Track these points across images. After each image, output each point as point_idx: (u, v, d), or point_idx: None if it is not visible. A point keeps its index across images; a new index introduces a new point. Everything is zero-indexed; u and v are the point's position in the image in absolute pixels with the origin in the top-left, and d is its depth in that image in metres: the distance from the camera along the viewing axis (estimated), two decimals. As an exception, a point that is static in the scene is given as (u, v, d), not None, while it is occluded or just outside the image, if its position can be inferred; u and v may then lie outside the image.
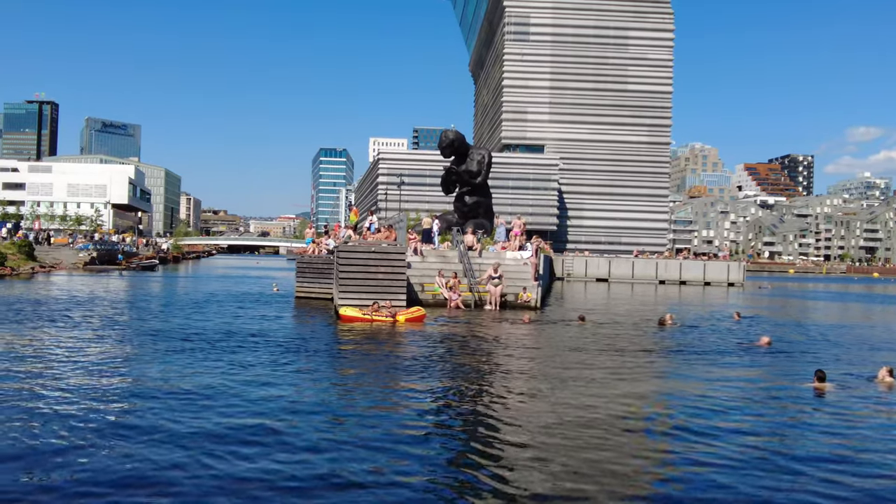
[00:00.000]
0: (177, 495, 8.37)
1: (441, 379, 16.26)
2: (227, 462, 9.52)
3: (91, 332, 22.59)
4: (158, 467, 9.25)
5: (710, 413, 13.10)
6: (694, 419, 12.57)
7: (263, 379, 15.25)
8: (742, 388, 15.85)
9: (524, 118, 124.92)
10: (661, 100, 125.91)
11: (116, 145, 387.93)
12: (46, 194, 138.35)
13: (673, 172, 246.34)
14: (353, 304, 28.20)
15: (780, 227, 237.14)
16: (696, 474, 9.59)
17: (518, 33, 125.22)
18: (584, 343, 22.96)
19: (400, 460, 9.86)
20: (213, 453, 9.84)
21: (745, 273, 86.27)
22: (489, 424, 12.02)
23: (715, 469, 9.79)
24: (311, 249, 42.36)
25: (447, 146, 45.25)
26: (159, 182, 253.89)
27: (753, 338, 24.99)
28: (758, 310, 42.88)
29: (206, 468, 9.26)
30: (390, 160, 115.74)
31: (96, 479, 8.77)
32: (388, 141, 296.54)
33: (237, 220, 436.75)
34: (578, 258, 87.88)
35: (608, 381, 16.11)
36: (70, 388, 13.73)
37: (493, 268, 33.80)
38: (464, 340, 23.08)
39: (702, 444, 10.99)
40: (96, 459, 9.48)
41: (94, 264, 72.22)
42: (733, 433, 11.65)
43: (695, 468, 9.85)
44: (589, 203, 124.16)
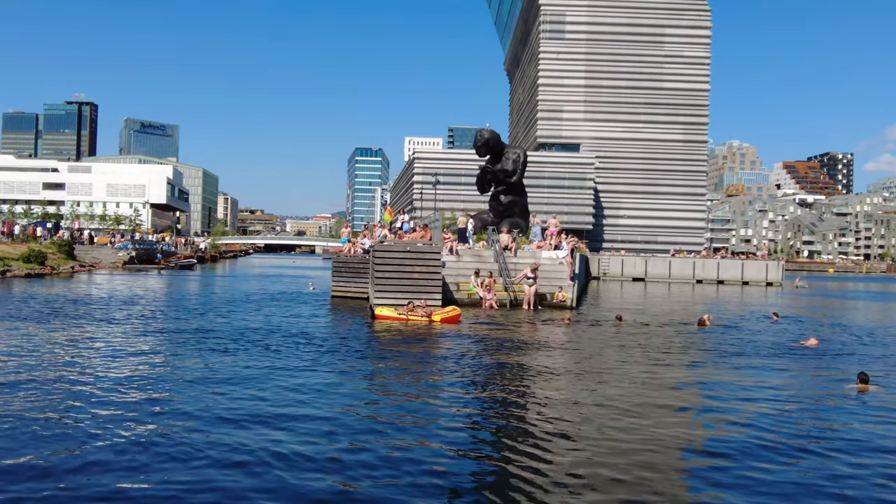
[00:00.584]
0: (214, 491, 8.44)
1: (476, 379, 16.19)
2: (260, 461, 9.55)
3: (129, 330, 22.82)
4: (193, 463, 9.31)
5: (752, 414, 12.91)
6: (735, 419, 12.43)
7: (299, 378, 15.29)
8: (784, 390, 15.65)
9: (560, 117, 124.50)
10: (698, 97, 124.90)
11: (155, 146, 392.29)
12: (86, 194, 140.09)
13: (710, 171, 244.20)
14: (388, 304, 28.24)
15: (820, 225, 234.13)
16: (735, 476, 9.48)
17: (553, 31, 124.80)
18: (622, 343, 22.75)
19: (434, 459, 9.83)
20: (246, 451, 9.89)
21: (784, 272, 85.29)
22: (525, 425, 11.94)
23: (755, 473, 9.68)
24: (346, 249, 42.46)
25: (482, 145, 45.17)
26: (197, 182, 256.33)
27: (800, 338, 24.67)
28: (797, 310, 42.38)
29: (239, 465, 9.31)
30: (425, 159, 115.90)
31: (131, 475, 8.85)
32: (424, 140, 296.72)
33: (274, 219, 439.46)
34: (614, 257, 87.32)
35: (649, 383, 15.96)
36: (107, 386, 13.84)
37: (531, 268, 33.71)
38: (499, 340, 23.00)
39: (741, 446, 10.85)
40: (132, 456, 9.56)
41: (133, 263, 73.01)
42: (773, 436, 11.48)
43: (733, 469, 9.74)
44: (625, 202, 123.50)
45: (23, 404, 12.20)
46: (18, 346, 18.86)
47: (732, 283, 78.37)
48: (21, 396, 12.82)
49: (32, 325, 23.15)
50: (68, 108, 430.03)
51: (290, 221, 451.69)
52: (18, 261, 53.51)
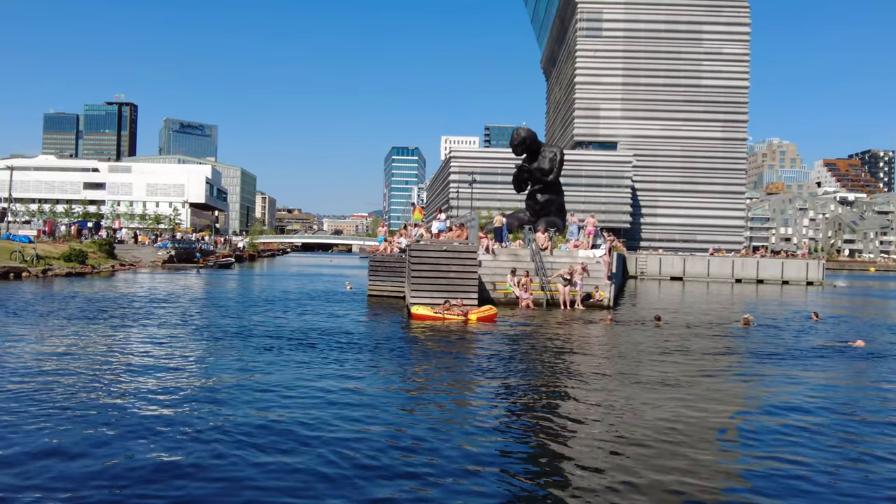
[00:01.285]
0: (249, 487, 8.47)
1: (512, 378, 16.13)
2: (295, 456, 9.58)
3: (169, 328, 23.06)
4: (230, 459, 9.38)
5: (795, 417, 12.76)
6: (779, 423, 12.28)
7: (336, 376, 15.35)
8: (830, 392, 15.44)
9: (597, 115, 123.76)
10: (737, 95, 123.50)
11: (194, 145, 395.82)
12: (126, 194, 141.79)
13: (750, 169, 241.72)
14: (424, 303, 28.26)
15: (861, 224, 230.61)
16: (779, 481, 9.36)
17: (590, 29, 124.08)
18: (661, 344, 22.54)
19: (470, 457, 9.81)
20: (281, 448, 9.93)
21: (825, 271, 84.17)
22: (561, 426, 11.87)
23: (797, 478, 9.54)
24: (383, 248, 42.54)
25: (519, 144, 45.03)
26: (235, 181, 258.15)
27: (846, 339, 24.30)
28: (838, 310, 41.79)
29: (276, 461, 9.35)
30: (462, 158, 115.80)
31: (168, 470, 8.92)
32: (460, 139, 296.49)
33: (311, 218, 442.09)
34: (652, 256, 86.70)
35: (689, 385, 15.79)
36: (146, 382, 14.01)
37: (567, 270, 33.58)
38: (535, 340, 22.91)
39: (785, 449, 10.72)
40: (170, 450, 9.63)
41: (173, 262, 73.77)
42: (818, 437, 11.33)
43: (777, 473, 9.61)
44: (663, 200, 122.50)
45: (64, 401, 12.35)
46: (60, 343, 19.12)
47: (772, 283, 77.50)
48: (62, 393, 12.98)
49: (73, 323, 23.45)
50: (108, 109, 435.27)
51: (327, 220, 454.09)
52: (60, 260, 54.29)
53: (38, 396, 12.72)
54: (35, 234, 69.40)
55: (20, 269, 46.04)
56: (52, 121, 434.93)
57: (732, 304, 43.82)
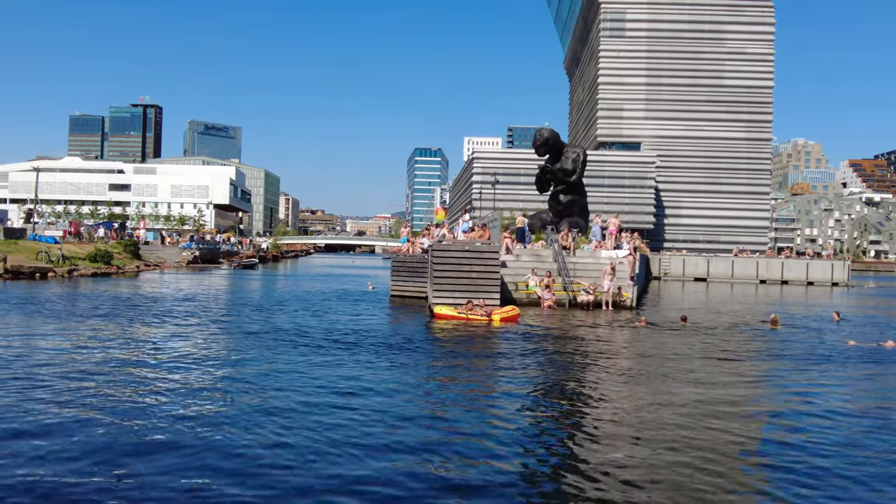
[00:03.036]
0: (266, 487, 8.52)
1: (536, 379, 16.12)
2: (316, 458, 9.62)
3: (192, 327, 23.21)
4: (248, 459, 9.43)
5: (821, 418, 12.69)
6: (805, 424, 12.24)
7: (358, 376, 15.38)
8: (850, 393, 15.39)
9: (620, 115, 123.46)
10: (761, 95, 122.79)
11: (218, 147, 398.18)
12: (151, 195, 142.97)
13: (774, 169, 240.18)
14: (447, 303, 28.28)
15: (887, 225, 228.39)
16: (798, 483, 9.32)
17: (614, 30, 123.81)
18: (686, 345, 22.41)
19: (489, 460, 9.81)
20: (302, 447, 9.97)
21: (850, 272, 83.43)
22: (584, 428, 11.85)
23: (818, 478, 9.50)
24: (405, 248, 42.61)
25: (541, 144, 45.02)
26: (259, 183, 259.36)
27: (879, 339, 24.11)
28: (865, 310, 41.44)
29: (297, 463, 9.39)
30: (485, 159, 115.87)
31: (184, 469, 8.99)
32: (483, 140, 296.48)
33: (334, 219, 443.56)
34: (676, 257, 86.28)
35: (714, 387, 15.68)
36: (168, 381, 14.10)
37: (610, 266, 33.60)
38: (560, 340, 22.87)
39: (809, 451, 10.68)
40: (187, 450, 9.70)
41: (197, 263, 74.23)
42: (842, 438, 11.26)
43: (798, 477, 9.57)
44: (687, 201, 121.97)
45: (89, 398, 12.47)
46: (86, 341, 19.28)
47: (797, 284, 76.91)
48: (87, 390, 13.09)
49: (98, 321, 23.65)
50: (133, 111, 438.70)
51: (350, 221, 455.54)
52: (85, 260, 54.78)
53: (63, 390, 12.84)
54: (61, 235, 70.09)
55: (46, 270, 46.48)
56: (77, 123, 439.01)
57: (757, 305, 43.53)
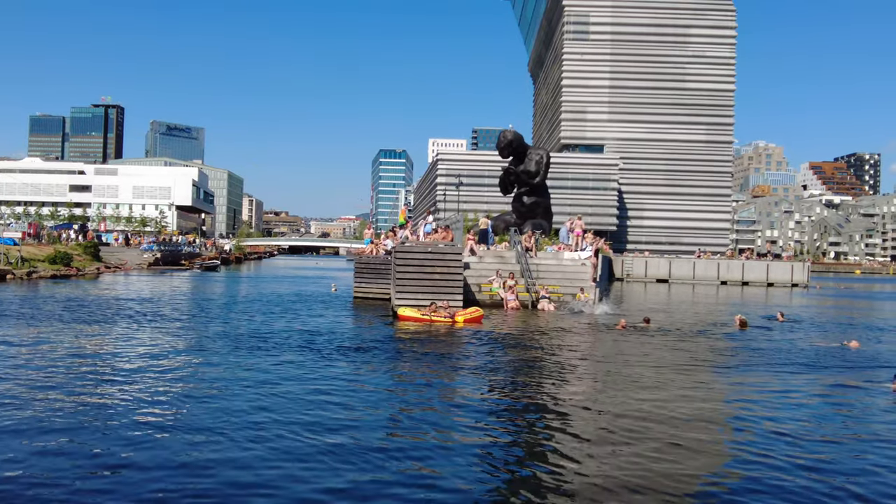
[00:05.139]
0: (221, 495, 8.47)
1: (499, 380, 16.15)
2: (276, 461, 9.58)
3: (152, 331, 22.98)
4: (207, 464, 9.36)
5: (783, 418, 12.85)
6: (768, 423, 12.38)
7: (320, 379, 15.33)
8: (816, 391, 15.61)
9: (583, 118, 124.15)
10: (723, 98, 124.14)
11: (180, 148, 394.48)
12: (112, 196, 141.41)
13: (736, 171, 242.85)
14: (410, 305, 28.28)
15: (846, 226, 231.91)
16: (762, 479, 9.43)
17: (577, 32, 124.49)
18: (649, 346, 22.53)
19: (453, 461, 9.82)
20: (263, 453, 9.93)
21: (810, 274, 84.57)
22: (546, 429, 11.91)
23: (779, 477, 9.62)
24: (369, 250, 42.50)
25: (505, 146, 45.12)
26: (222, 184, 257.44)
27: (842, 340, 24.42)
28: (819, 310, 42.02)
29: (255, 467, 9.34)
30: (449, 161, 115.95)
31: (144, 473, 8.91)
32: (448, 142, 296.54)
33: (298, 221, 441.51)
34: (638, 259, 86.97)
35: (677, 387, 15.82)
36: (128, 384, 13.96)
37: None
38: (522, 341, 22.93)
39: (770, 446, 10.81)
40: (148, 454, 9.62)
41: (158, 265, 73.52)
42: (802, 438, 11.40)
43: (759, 476, 9.68)
44: (649, 203, 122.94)
45: (43, 404, 12.31)
46: (40, 346, 19.03)
47: (757, 285, 77.80)
48: (41, 397, 12.93)
49: (56, 326, 23.36)
50: (95, 111, 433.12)
51: (314, 223, 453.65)
52: (45, 262, 54.05)
53: (15, 396, 12.68)
54: (20, 237, 69.04)
55: (4, 272, 45.78)
56: (38, 123, 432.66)
57: (718, 306, 43.94)
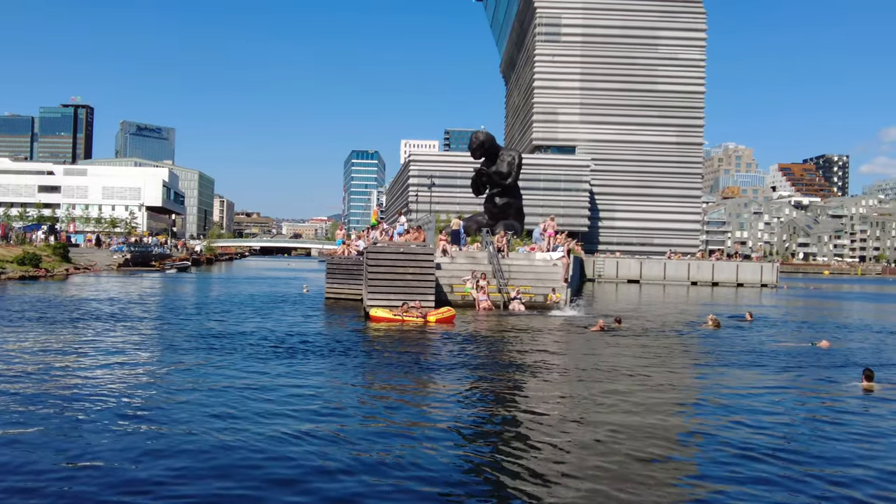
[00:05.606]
0: (195, 496, 8.45)
1: (471, 380, 16.18)
2: (247, 462, 9.57)
3: (120, 333, 22.80)
4: (177, 468, 9.34)
5: (752, 416, 12.99)
6: (735, 420, 12.52)
7: (292, 380, 15.32)
8: (787, 389, 15.79)
9: (555, 119, 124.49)
10: (693, 100, 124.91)
11: (151, 148, 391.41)
12: (81, 197, 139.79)
13: (706, 173, 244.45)
14: (381, 305, 28.29)
15: (815, 228, 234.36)
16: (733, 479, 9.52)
17: (549, 34, 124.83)
18: (619, 346, 22.70)
19: (425, 460, 9.84)
20: (235, 454, 9.91)
21: (779, 274, 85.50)
22: (518, 428, 11.97)
23: (751, 476, 9.72)
24: (341, 251, 42.44)
25: (477, 148, 45.24)
26: (193, 185, 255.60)
27: (811, 340, 24.65)
28: (787, 311, 42.45)
29: (226, 468, 9.32)
30: (421, 162, 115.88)
31: (119, 481, 8.88)
32: (420, 143, 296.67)
33: (270, 222, 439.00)
34: (609, 259, 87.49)
35: (646, 386, 15.95)
36: (92, 388, 13.87)
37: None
38: (494, 341, 23.03)
39: (741, 444, 10.93)
40: (117, 457, 9.58)
41: (128, 266, 72.97)
42: (774, 436, 11.53)
43: (731, 475, 9.78)
44: (620, 204, 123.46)
45: (6, 405, 12.21)
46: (4, 346, 18.85)
47: (727, 285, 78.50)
48: (3, 399, 12.82)
49: (23, 328, 23.14)
50: (64, 111, 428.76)
51: (286, 224, 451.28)
52: (13, 263, 53.47)
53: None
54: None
55: (-29, 273, 45.32)
56: (6, 123, 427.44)
57: (688, 306, 44.29)
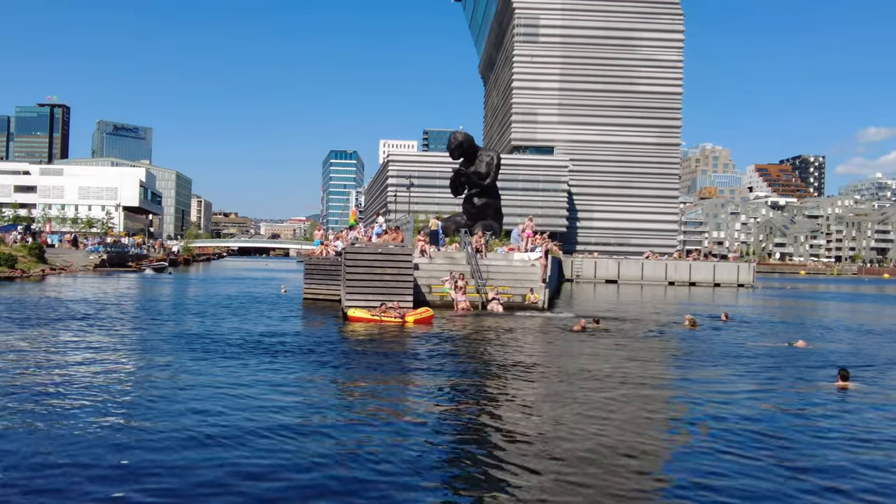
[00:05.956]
0: (173, 495, 8.41)
1: (449, 380, 16.17)
2: (226, 463, 9.52)
3: (95, 334, 22.63)
4: (157, 467, 9.27)
5: (729, 415, 13.06)
6: (712, 417, 12.63)
7: (270, 380, 15.26)
8: (764, 389, 15.91)
9: (534, 120, 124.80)
10: (670, 101, 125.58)
11: (128, 148, 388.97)
12: (58, 197, 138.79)
13: (683, 174, 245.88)
14: (360, 306, 28.26)
15: (791, 228, 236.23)
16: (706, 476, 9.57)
17: (527, 35, 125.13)
18: (597, 346, 22.76)
19: (403, 461, 9.83)
20: (213, 454, 9.86)
21: (756, 274, 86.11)
22: (495, 429, 11.98)
23: (727, 473, 9.76)
24: (319, 251, 42.32)
25: (456, 148, 45.27)
26: (170, 184, 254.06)
27: (788, 340, 24.79)
28: (765, 310, 42.74)
29: (204, 469, 9.27)
30: (400, 162, 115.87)
31: (91, 479, 8.82)
32: (399, 143, 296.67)
33: (248, 222, 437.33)
34: (587, 259, 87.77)
35: (622, 386, 15.99)
36: (65, 390, 13.76)
37: None
38: (472, 342, 23.05)
39: (717, 442, 10.99)
40: (93, 460, 9.52)
41: (105, 266, 72.46)
42: (751, 434, 11.60)
43: (707, 470, 9.83)
44: (598, 204, 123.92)
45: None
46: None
47: (704, 285, 78.93)
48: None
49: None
50: (40, 111, 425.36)
51: (264, 224, 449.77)
52: (-12, 264, 53.03)
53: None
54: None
55: (-55, 274, 44.88)
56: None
57: (666, 306, 44.48)
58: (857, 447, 11.09)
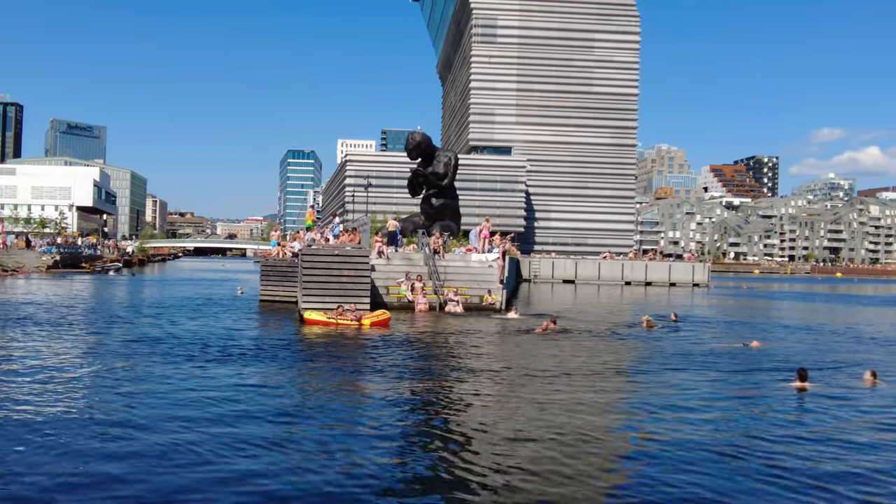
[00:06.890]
0: (127, 497, 8.32)
1: (406, 383, 16.17)
2: (182, 468, 9.43)
3: (46, 338, 22.28)
4: (112, 473, 9.17)
5: (687, 417, 13.19)
6: (669, 419, 12.70)
7: (224, 384, 15.13)
8: (722, 390, 16.09)
9: (491, 120, 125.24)
10: (627, 102, 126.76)
11: (82, 147, 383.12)
12: (10, 197, 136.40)
13: (639, 174, 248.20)
14: (316, 308, 28.11)
15: (746, 227, 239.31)
16: (666, 479, 9.65)
17: (485, 35, 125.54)
18: (554, 347, 22.85)
19: (360, 467, 9.81)
20: (167, 460, 9.76)
21: (711, 274, 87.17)
22: (451, 430, 11.99)
23: (684, 474, 9.83)
24: (275, 252, 42.04)
25: (414, 148, 45.23)
26: (125, 184, 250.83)
27: (744, 340, 25.05)
28: (720, 310, 43.21)
29: (159, 474, 9.18)
30: (358, 162, 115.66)
31: (44, 489, 8.69)
32: (357, 142, 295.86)
33: (204, 222, 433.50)
34: (545, 260, 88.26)
35: (585, 388, 16.08)
36: (17, 395, 13.56)
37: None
38: (430, 344, 23.05)
39: (674, 444, 11.07)
40: (50, 465, 9.38)
41: (58, 267, 71.41)
42: (709, 435, 11.72)
43: (666, 472, 9.91)
44: (556, 204, 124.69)
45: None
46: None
47: (660, 285, 79.75)
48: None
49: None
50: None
51: (220, 224, 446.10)
52: (-64, 266, 52.02)
53: None
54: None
55: None
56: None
57: (622, 306, 44.82)
58: (815, 446, 11.25)
